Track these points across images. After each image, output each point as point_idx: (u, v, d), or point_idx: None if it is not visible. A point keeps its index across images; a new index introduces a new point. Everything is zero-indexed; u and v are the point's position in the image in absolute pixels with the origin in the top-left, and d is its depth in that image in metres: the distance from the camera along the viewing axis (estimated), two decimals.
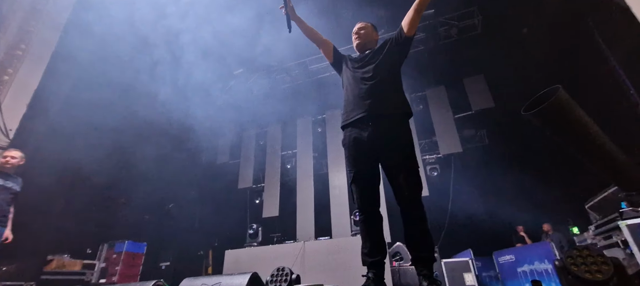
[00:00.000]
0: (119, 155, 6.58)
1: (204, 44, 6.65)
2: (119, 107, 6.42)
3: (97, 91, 6.01)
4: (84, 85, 5.86)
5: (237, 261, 5.03)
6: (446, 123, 7.11)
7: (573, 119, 1.94)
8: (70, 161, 5.67)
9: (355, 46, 2.29)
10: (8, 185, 3.33)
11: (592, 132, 1.93)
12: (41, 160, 5.24)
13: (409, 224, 1.78)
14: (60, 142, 5.62)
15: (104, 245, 6.20)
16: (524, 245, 6.17)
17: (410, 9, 1.99)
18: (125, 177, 6.80)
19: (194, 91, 7.73)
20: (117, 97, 6.33)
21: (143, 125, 6.80)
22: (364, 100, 1.92)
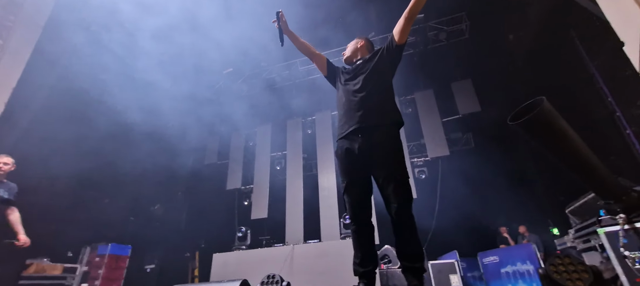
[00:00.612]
0: (103, 155, 6.39)
1: (192, 42, 6.54)
2: (103, 107, 6.24)
3: (79, 90, 5.82)
4: (65, 83, 5.65)
5: (226, 264, 4.97)
6: (434, 126, 7.23)
7: (556, 130, 2.01)
8: (50, 161, 5.47)
9: (343, 61, 2.34)
10: None
11: (574, 143, 2.00)
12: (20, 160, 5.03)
13: (399, 235, 1.80)
14: (40, 141, 5.42)
15: (87, 248, 6.02)
16: (508, 247, 6.35)
17: (401, 17, 1.99)
18: (109, 177, 6.61)
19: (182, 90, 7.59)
20: (100, 96, 6.15)
21: (128, 124, 6.63)
22: (354, 112, 1.94)
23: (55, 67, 5.60)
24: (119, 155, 6.62)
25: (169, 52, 6.50)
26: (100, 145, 6.21)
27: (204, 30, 6.31)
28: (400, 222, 1.78)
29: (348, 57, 2.29)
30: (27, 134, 5.23)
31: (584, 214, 3.47)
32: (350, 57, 2.29)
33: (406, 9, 1.95)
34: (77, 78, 5.79)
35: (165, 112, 7.23)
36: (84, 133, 5.92)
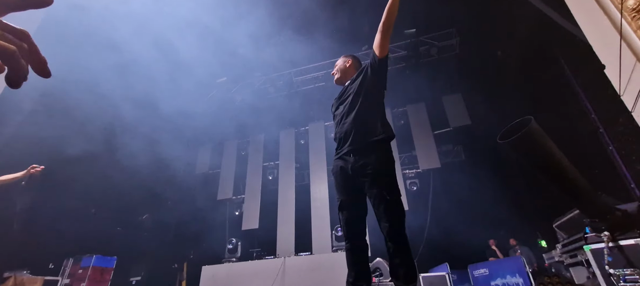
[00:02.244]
0: (89, 163, 6.24)
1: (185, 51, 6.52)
2: (90, 113, 6.12)
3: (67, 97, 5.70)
4: (53, 90, 5.54)
5: (215, 277, 4.87)
6: (425, 138, 7.33)
7: (543, 150, 2.07)
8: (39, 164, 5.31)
9: (335, 82, 2.36)
10: None
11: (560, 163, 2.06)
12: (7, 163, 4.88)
13: (391, 253, 1.80)
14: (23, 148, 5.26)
15: (69, 260, 5.81)
16: (497, 259, 6.41)
17: (377, 31, 2.00)
18: (96, 186, 6.44)
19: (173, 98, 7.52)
20: (89, 103, 6.04)
21: (116, 131, 6.53)
22: (345, 135, 1.99)
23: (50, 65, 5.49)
24: (107, 163, 6.48)
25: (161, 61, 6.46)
26: (88, 152, 6.07)
27: (197, 39, 6.32)
28: (391, 241, 1.79)
29: (339, 78, 2.32)
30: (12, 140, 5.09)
31: (570, 229, 3.55)
32: (341, 78, 2.31)
33: (380, 22, 1.96)
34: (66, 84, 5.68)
35: (156, 121, 7.14)
36: (70, 140, 5.79)
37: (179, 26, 6.08)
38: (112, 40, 5.79)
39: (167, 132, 7.65)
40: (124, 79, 6.08)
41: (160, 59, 6.35)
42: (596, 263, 2.10)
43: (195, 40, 6.33)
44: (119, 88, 6.14)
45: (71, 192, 5.93)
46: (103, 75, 5.93)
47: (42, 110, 5.51)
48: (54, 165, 5.51)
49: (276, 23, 6.46)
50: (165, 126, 7.52)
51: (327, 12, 6.68)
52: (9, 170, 3.54)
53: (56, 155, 5.52)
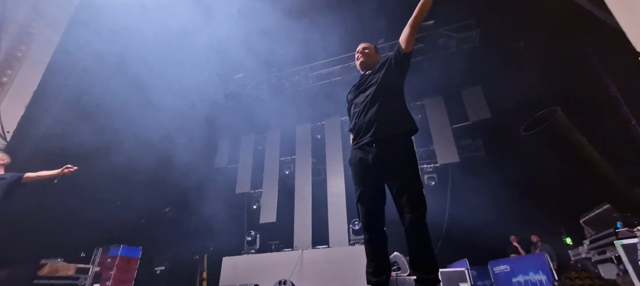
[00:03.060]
0: (116, 158, 6.53)
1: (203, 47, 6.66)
2: (116, 110, 6.38)
3: (96, 94, 5.98)
4: (83, 87, 5.82)
5: (235, 268, 5.01)
6: (444, 132, 7.20)
7: (570, 141, 2.00)
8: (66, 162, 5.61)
9: (359, 65, 2.32)
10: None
11: (589, 155, 1.99)
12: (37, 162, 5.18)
13: (413, 245, 1.79)
14: (56, 144, 5.57)
15: (99, 249, 6.14)
16: (519, 256, 6.26)
17: (407, 26, 2.00)
18: (121, 180, 6.74)
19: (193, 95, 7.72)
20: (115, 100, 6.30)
21: (140, 128, 6.77)
22: (367, 125, 1.96)
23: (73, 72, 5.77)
24: (131, 158, 6.75)
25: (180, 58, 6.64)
26: (113, 148, 6.35)
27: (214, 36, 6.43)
28: (414, 233, 1.78)
29: (364, 62, 2.27)
30: (45, 136, 5.39)
31: (599, 225, 3.41)
32: (366, 62, 2.27)
33: (411, 17, 1.97)
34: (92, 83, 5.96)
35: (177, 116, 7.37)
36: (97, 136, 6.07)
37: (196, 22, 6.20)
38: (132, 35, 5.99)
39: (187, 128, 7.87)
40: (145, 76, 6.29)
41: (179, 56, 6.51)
42: (628, 258, 2.02)
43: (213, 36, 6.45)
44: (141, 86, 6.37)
45: (99, 186, 6.23)
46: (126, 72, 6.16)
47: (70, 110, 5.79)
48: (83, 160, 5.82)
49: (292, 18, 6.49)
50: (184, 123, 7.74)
51: (342, 6, 6.64)
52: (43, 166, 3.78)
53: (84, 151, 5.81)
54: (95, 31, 5.73)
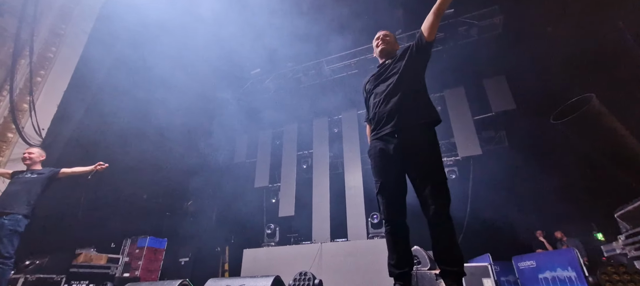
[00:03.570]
0: (141, 154, 6.79)
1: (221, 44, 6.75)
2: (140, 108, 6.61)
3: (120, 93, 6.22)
4: (108, 87, 6.07)
5: (255, 260, 5.12)
6: (465, 124, 6.98)
7: (607, 130, 1.88)
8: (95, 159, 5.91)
9: (378, 52, 2.26)
10: (32, 176, 3.50)
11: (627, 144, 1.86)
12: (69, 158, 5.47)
13: (438, 238, 1.75)
14: (86, 141, 5.86)
15: (128, 240, 6.45)
16: (545, 251, 6.02)
17: (430, 13, 1.94)
18: (146, 174, 7.02)
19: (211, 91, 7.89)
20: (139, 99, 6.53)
21: (163, 125, 7.00)
22: (389, 115, 1.92)
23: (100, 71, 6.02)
24: (155, 153, 7.01)
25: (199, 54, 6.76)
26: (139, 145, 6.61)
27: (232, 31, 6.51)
28: (438, 225, 1.74)
29: (385, 49, 2.22)
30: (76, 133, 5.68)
31: (636, 219, 3.21)
32: (387, 50, 2.22)
33: (435, 5, 1.91)
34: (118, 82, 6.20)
35: (196, 113, 7.56)
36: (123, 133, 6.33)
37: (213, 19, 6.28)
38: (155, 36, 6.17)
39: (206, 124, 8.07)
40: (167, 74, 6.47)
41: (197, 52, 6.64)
42: None
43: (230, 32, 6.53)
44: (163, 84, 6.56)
45: (127, 181, 6.51)
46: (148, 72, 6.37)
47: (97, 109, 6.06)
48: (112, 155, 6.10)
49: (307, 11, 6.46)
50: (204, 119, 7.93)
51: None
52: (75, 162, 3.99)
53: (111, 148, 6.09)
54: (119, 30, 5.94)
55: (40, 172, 3.58)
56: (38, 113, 4.95)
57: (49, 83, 5.28)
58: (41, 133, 4.96)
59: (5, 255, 3.05)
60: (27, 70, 5.10)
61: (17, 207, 3.23)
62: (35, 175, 3.52)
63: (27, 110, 4.91)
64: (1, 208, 3.20)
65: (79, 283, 4.89)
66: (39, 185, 3.48)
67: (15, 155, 4.59)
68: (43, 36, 5.36)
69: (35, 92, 5.03)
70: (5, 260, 3.05)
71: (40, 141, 4.92)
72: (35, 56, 5.19)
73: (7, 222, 3.13)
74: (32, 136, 4.84)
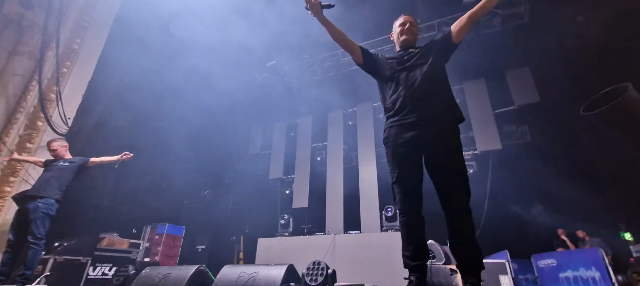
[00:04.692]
0: (160, 143, 7.00)
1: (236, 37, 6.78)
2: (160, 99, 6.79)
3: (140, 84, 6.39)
4: (129, 78, 6.25)
5: (269, 249, 5.21)
6: (485, 118, 6.76)
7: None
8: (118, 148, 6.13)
9: (401, 41, 2.17)
10: (65, 164, 3.67)
11: None
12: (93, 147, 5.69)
13: (457, 231, 1.72)
14: (109, 130, 6.08)
15: (148, 227, 6.69)
16: (567, 250, 5.81)
17: (464, 16, 1.90)
18: (165, 163, 7.22)
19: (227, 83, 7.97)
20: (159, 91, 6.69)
21: (181, 116, 7.16)
22: (417, 103, 1.87)
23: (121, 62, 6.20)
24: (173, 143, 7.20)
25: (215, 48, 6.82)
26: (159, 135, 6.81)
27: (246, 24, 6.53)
28: (459, 218, 1.71)
29: (409, 40, 2.14)
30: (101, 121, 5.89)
31: None
32: (410, 40, 2.14)
33: (472, 9, 1.87)
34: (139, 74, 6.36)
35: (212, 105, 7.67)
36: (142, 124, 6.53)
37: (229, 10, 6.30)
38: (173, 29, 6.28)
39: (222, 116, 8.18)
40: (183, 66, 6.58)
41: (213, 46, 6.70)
42: None
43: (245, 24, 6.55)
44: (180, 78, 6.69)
45: (147, 170, 6.73)
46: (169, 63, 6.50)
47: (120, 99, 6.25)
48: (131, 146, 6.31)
49: None
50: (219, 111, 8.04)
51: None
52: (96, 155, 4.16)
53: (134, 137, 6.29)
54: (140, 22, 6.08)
55: (71, 161, 3.76)
56: (64, 102, 5.15)
57: (74, 74, 5.48)
58: (67, 122, 5.17)
59: (38, 236, 3.24)
60: (54, 61, 5.31)
61: (50, 192, 3.42)
62: (67, 163, 3.70)
63: (54, 99, 5.12)
64: (36, 192, 3.40)
65: (103, 265, 5.13)
66: (71, 172, 3.66)
67: (44, 142, 4.82)
68: (69, 28, 5.56)
69: (62, 83, 5.23)
70: (37, 241, 3.23)
71: (67, 129, 5.14)
72: (61, 48, 5.39)
73: (41, 205, 3.32)
74: (59, 125, 5.05)
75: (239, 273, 2.76)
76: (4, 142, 4.70)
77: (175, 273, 3.02)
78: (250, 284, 2.61)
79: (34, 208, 3.32)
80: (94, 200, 6.04)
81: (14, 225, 3.43)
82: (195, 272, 2.99)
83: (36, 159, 4.08)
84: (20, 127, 4.88)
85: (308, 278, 2.71)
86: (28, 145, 4.80)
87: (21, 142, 4.77)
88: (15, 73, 5.11)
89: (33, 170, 4.38)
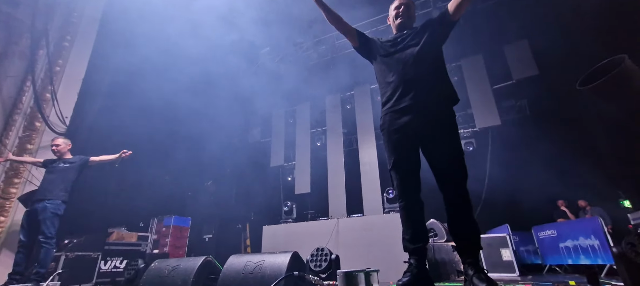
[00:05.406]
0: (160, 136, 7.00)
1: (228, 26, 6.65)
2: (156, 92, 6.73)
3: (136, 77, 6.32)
4: (124, 72, 6.17)
5: (275, 236, 5.31)
6: (483, 94, 6.72)
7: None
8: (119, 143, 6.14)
9: (397, 24, 2.12)
10: (66, 165, 3.72)
11: None
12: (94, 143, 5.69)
13: (455, 213, 1.74)
14: (108, 125, 6.07)
15: (154, 220, 6.81)
16: (567, 220, 5.91)
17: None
18: (167, 157, 7.26)
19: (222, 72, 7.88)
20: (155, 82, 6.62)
21: (180, 108, 7.13)
22: (408, 88, 1.84)
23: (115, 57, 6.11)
24: (174, 136, 7.22)
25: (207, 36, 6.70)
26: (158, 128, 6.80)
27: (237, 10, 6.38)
28: (456, 201, 1.73)
29: (404, 22, 2.08)
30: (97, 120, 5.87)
31: None
32: (405, 22, 2.09)
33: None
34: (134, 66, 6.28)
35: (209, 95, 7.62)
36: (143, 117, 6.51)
37: None
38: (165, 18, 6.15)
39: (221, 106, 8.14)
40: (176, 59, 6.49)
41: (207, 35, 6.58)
42: None
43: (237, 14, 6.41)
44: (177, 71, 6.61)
45: (149, 164, 6.77)
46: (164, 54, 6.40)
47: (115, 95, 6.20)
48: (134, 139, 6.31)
49: None
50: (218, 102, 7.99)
51: None
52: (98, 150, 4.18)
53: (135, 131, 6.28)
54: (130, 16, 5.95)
55: (71, 161, 3.80)
56: (60, 101, 5.11)
57: (67, 72, 5.41)
58: (65, 121, 5.16)
59: (49, 236, 3.34)
60: (46, 60, 5.24)
61: (57, 193, 3.50)
62: (68, 164, 3.75)
63: (49, 99, 5.09)
64: (43, 195, 3.48)
65: (113, 259, 5.26)
66: (73, 173, 3.72)
67: (44, 143, 4.84)
68: (57, 25, 5.44)
69: (56, 82, 5.18)
70: (48, 240, 3.33)
71: (64, 128, 5.13)
72: (51, 46, 5.31)
73: (49, 205, 3.41)
74: (57, 124, 5.04)
75: (245, 262, 2.83)
76: (4, 145, 4.71)
77: (184, 264, 3.10)
78: (256, 272, 2.68)
79: (43, 209, 3.40)
80: (100, 197, 6.11)
81: (24, 225, 3.50)
82: (203, 263, 3.06)
83: (35, 159, 4.13)
84: (18, 129, 4.87)
85: (312, 264, 2.78)
86: (28, 146, 4.81)
87: (21, 143, 4.78)
88: (8, 75, 5.06)
89: (36, 170, 4.41)
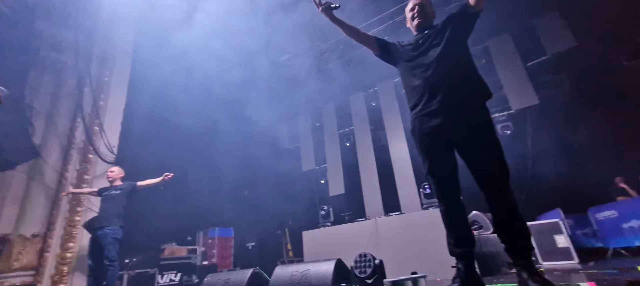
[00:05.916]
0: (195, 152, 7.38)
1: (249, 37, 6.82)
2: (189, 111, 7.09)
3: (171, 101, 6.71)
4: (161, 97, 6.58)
5: (315, 241, 5.40)
6: (516, 74, 6.34)
7: None
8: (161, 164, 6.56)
9: (415, 25, 2.05)
10: (117, 192, 4.06)
11: None
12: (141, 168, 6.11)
13: (499, 215, 1.67)
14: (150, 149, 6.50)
15: (200, 233, 7.20)
16: (629, 198, 5.43)
17: None
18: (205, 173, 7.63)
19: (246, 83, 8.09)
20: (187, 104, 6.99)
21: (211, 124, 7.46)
22: (434, 91, 1.77)
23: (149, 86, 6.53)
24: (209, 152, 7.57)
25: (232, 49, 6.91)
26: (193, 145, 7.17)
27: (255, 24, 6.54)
28: (501, 202, 1.65)
29: (421, 22, 2.01)
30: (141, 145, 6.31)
31: None
32: (423, 23, 2.02)
33: None
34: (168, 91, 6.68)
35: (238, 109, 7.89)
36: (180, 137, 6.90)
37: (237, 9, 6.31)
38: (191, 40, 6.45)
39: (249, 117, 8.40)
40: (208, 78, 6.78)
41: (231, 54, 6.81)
42: None
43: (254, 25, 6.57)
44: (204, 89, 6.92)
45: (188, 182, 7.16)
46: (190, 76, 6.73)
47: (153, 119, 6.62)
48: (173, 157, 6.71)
49: None
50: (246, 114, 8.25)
51: None
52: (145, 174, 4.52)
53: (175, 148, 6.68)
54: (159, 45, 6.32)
55: (121, 187, 4.16)
56: (107, 133, 5.60)
57: (110, 105, 5.89)
58: (113, 150, 5.62)
59: (112, 258, 3.69)
60: (91, 96, 5.75)
61: (113, 220, 3.87)
62: (118, 190, 4.11)
63: (98, 132, 5.57)
64: (102, 223, 3.88)
65: (168, 273, 5.63)
66: (124, 198, 4.07)
67: (99, 172, 5.32)
68: (96, 62, 5.96)
69: (101, 115, 5.66)
70: (113, 263, 3.69)
71: (114, 157, 5.58)
72: (94, 83, 5.81)
73: (109, 231, 3.77)
74: (107, 154, 5.51)
75: (291, 272, 2.94)
76: (65, 178, 5.22)
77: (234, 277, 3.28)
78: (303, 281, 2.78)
79: (103, 236, 3.76)
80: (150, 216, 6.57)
81: (90, 252, 3.90)
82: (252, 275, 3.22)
83: (91, 189, 4.58)
84: (75, 163, 5.38)
85: (357, 271, 2.81)
86: (85, 176, 5.29)
87: (79, 175, 5.27)
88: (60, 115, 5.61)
89: (94, 198, 4.85)
